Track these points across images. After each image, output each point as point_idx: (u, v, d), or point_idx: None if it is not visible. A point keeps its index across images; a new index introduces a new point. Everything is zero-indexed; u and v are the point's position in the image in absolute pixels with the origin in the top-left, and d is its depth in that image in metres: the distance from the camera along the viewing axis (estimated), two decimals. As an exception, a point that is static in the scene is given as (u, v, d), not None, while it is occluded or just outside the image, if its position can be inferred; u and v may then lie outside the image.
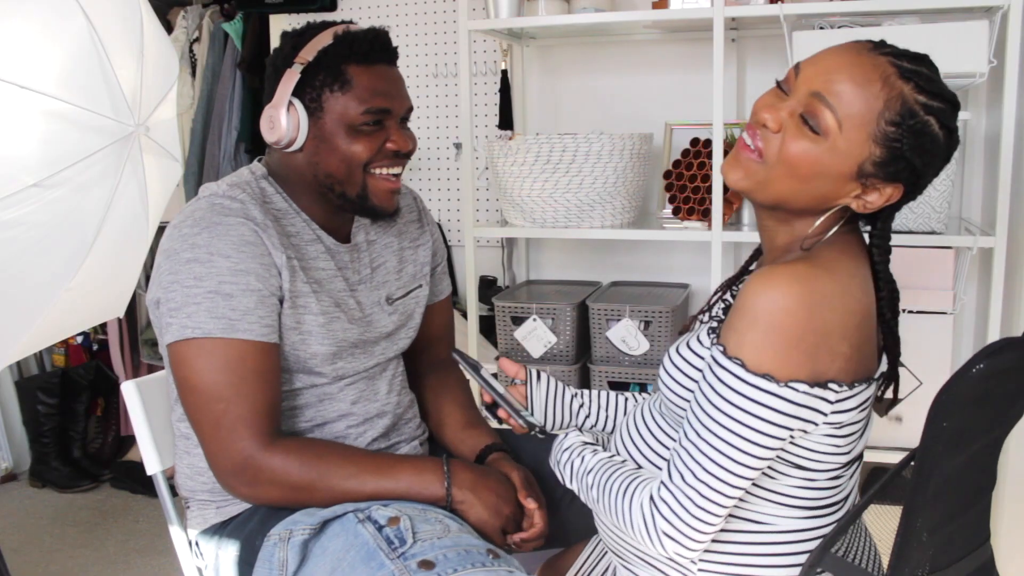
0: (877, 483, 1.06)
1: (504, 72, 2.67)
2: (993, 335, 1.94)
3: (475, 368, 1.36)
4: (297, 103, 1.25)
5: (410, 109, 1.33)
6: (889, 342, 1.10)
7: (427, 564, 1.11)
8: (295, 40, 1.28)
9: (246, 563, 1.25)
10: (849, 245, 1.07)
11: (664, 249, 2.63)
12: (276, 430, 1.23)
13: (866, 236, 1.11)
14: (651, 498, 1.04)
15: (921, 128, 0.99)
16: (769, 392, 0.96)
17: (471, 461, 1.41)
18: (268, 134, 1.27)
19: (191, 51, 3.08)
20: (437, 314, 1.56)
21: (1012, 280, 2.02)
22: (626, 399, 1.40)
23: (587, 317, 2.35)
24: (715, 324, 1.13)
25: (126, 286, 2.06)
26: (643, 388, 2.30)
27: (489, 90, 2.76)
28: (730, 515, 1.07)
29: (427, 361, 1.57)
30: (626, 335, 2.28)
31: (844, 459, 1.06)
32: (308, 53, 1.25)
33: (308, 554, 1.20)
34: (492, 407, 1.35)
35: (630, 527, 1.06)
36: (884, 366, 1.12)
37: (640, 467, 1.16)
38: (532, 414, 1.33)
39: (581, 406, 1.37)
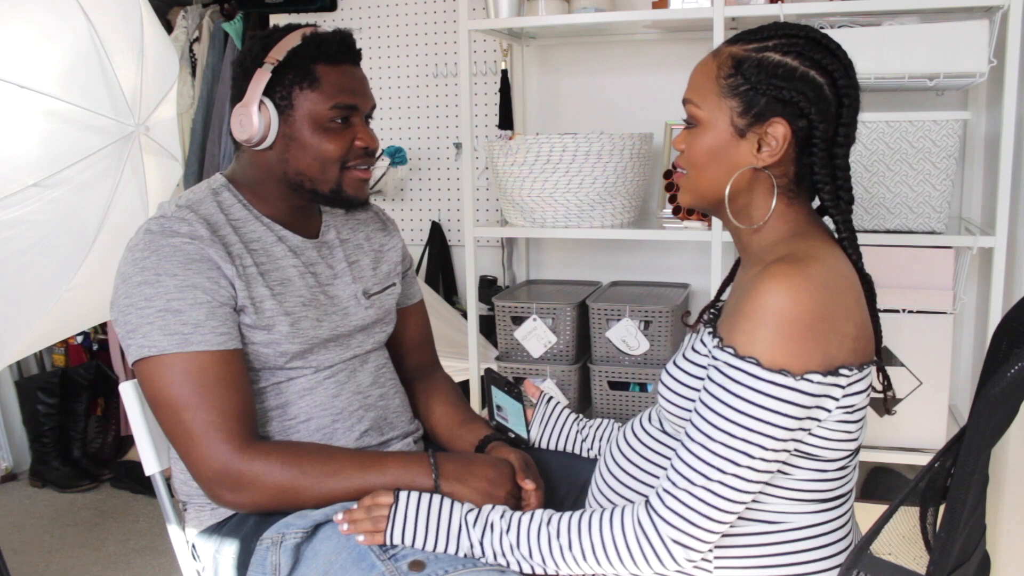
0: (915, 480, 1.06)
1: (504, 72, 2.67)
2: (993, 335, 1.94)
3: (511, 386, 1.48)
4: (267, 101, 1.30)
5: (373, 107, 1.38)
6: (876, 324, 1.14)
7: (418, 565, 1.11)
8: (264, 41, 1.33)
9: (243, 565, 1.25)
10: (821, 240, 1.11)
11: (664, 249, 2.63)
12: (251, 435, 1.23)
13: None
14: (650, 510, 1.04)
15: (759, 63, 1.07)
16: (786, 387, 0.99)
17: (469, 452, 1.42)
18: (239, 132, 1.31)
19: (191, 51, 3.08)
20: (413, 318, 1.59)
21: (1012, 280, 2.01)
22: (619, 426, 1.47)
23: (587, 317, 2.35)
24: (711, 330, 1.13)
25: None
26: (643, 388, 2.30)
27: (489, 90, 2.76)
28: (745, 517, 1.08)
29: (411, 367, 1.59)
30: (626, 335, 2.28)
31: (853, 445, 1.09)
32: (278, 53, 1.30)
33: (300, 557, 1.20)
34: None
35: (625, 551, 1.04)
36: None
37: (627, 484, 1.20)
38: (525, 429, 1.48)
39: (580, 430, 1.47)
